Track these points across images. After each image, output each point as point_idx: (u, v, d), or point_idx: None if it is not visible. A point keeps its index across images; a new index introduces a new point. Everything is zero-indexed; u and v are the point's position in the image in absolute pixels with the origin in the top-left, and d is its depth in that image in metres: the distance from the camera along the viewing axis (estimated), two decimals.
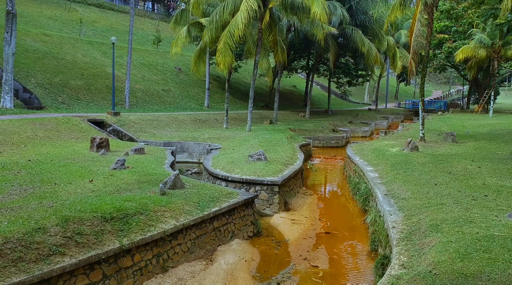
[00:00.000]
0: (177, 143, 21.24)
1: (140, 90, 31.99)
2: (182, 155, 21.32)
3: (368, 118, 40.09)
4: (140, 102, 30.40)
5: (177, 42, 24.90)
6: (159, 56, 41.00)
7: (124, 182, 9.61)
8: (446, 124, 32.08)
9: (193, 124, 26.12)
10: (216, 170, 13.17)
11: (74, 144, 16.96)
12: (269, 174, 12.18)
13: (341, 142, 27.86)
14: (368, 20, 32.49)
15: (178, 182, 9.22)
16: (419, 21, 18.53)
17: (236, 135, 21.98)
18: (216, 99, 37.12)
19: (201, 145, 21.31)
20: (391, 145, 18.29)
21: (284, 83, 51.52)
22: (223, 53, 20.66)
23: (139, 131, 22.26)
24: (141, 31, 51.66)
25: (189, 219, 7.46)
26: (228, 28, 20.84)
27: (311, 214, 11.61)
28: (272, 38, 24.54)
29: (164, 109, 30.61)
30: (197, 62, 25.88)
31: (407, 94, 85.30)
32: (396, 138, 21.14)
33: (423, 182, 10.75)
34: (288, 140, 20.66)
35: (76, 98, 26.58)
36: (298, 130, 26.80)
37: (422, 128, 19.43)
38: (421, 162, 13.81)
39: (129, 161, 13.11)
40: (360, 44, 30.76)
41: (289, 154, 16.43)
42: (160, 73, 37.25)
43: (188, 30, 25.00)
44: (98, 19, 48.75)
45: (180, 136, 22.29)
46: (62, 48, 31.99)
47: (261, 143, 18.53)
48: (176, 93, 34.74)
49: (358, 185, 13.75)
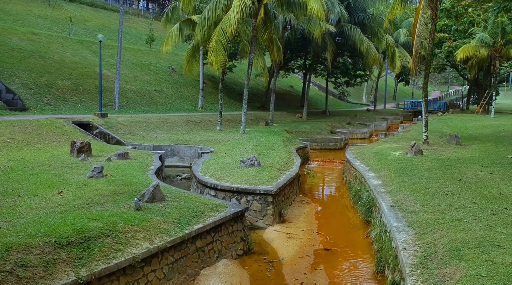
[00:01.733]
0: (167, 146, 20.15)
1: (131, 90, 30.85)
2: (172, 158, 20.22)
3: (367, 119, 39.07)
4: (131, 103, 29.26)
5: (168, 40, 23.79)
6: (152, 56, 39.86)
7: (98, 194, 8.52)
8: (448, 126, 31.11)
9: (185, 126, 25.01)
10: (205, 177, 12.08)
11: (55, 148, 15.83)
12: (262, 182, 11.10)
13: (340, 144, 26.82)
14: (367, 18, 31.47)
15: (158, 194, 8.13)
16: (422, 16, 17.48)
17: (229, 138, 20.89)
18: (211, 100, 36.03)
19: (193, 148, 20.22)
20: (393, 148, 17.25)
21: (281, 84, 50.48)
22: (215, 52, 19.58)
23: (127, 134, 21.14)
24: (134, 31, 50.53)
25: (166, 240, 6.36)
26: (220, 25, 19.76)
27: (308, 226, 10.53)
28: (267, 36, 23.47)
29: (156, 110, 29.49)
30: (190, 62, 24.76)
31: (405, 95, 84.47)
32: (398, 141, 20.11)
33: (432, 191, 9.70)
34: (284, 143, 19.59)
35: (63, 99, 25.42)
36: (295, 132, 25.73)
37: (425, 130, 18.40)
38: (427, 168, 12.76)
39: (110, 167, 12.00)
40: (358, 43, 29.74)
41: (284, 158, 15.36)
42: (153, 73, 36.12)
43: (180, 28, 23.89)
44: (90, 18, 47.57)
45: (171, 139, 21.18)
46: (50, 47, 30.82)
47: (255, 146, 17.45)
48: (169, 94, 33.62)
49: (359, 193, 12.69)
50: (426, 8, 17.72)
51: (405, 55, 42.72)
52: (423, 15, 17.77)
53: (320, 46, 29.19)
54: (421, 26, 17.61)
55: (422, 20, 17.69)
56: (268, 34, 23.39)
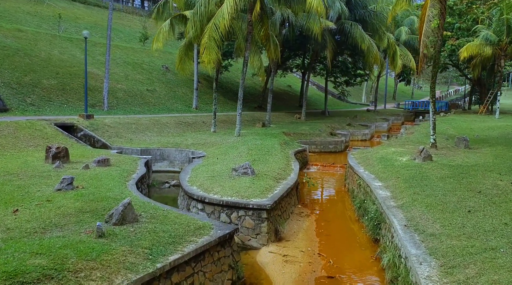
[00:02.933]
0: (156, 150, 18.81)
1: (121, 90, 29.48)
2: (162, 163, 18.89)
3: (368, 120, 37.77)
4: (121, 103, 27.89)
5: (158, 37, 22.41)
6: (145, 55, 38.47)
7: (60, 213, 7.19)
8: (452, 127, 29.83)
9: (177, 128, 23.67)
10: (192, 188, 10.75)
11: (31, 153, 14.48)
12: (256, 194, 9.78)
13: (340, 147, 25.52)
14: (368, 15, 30.17)
15: (129, 214, 6.81)
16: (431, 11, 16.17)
17: (223, 141, 19.57)
18: (206, 100, 34.68)
19: (184, 151, 18.89)
20: (400, 153, 15.95)
21: (279, 83, 49.15)
22: (208, 49, 18.25)
23: (114, 137, 19.79)
24: (128, 29, 49.17)
25: (130, 280, 5.04)
26: (213, 20, 18.43)
27: (308, 246, 9.22)
28: (264, 32, 22.13)
29: (147, 111, 28.13)
30: (183, 60, 23.38)
31: (405, 95, 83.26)
32: (403, 145, 18.81)
33: (452, 207, 8.40)
34: (281, 146, 18.28)
35: (48, 99, 24.04)
36: (293, 134, 24.42)
37: (433, 133, 17.09)
38: (439, 176, 11.47)
39: (85, 177, 10.66)
40: (359, 40, 28.44)
41: (281, 165, 14.05)
42: (146, 72, 34.74)
43: (171, 24, 22.52)
44: (82, 15, 46.16)
45: (161, 142, 19.85)
46: (37, 45, 29.42)
47: (250, 150, 16.14)
48: (161, 94, 32.25)
49: (365, 204, 11.39)
50: (434, 1, 16.42)
51: (406, 54, 41.48)
52: (431, 10, 16.47)
53: (320, 43, 27.88)
54: (429, 22, 16.30)
55: (430, 15, 16.38)
56: (265, 30, 22.06)
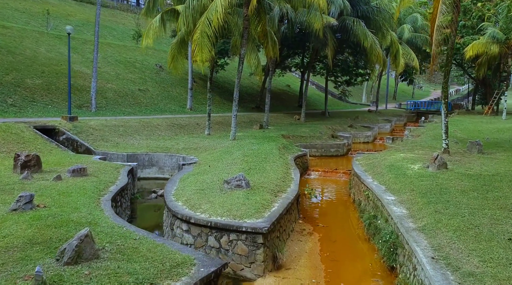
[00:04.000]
0: (144, 155, 17.34)
1: (111, 90, 27.98)
2: (150, 169, 17.42)
3: (369, 121, 36.32)
4: (110, 104, 26.40)
5: (148, 33, 20.88)
6: (138, 53, 36.91)
7: (3, 245, 5.72)
8: (459, 129, 28.43)
9: (169, 131, 22.18)
10: (177, 204, 9.28)
11: (0, 161, 13.00)
12: (250, 213, 8.33)
13: (342, 150, 24.07)
14: (371, 11, 28.69)
15: (87, 250, 5.34)
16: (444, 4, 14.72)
17: (217, 145, 18.10)
18: (201, 100, 33.20)
19: (174, 157, 17.43)
20: (410, 159, 14.51)
21: (277, 83, 47.67)
22: (199, 45, 16.79)
23: (99, 140, 18.30)
24: (122, 26, 47.65)
25: None
26: (206, 14, 16.97)
27: (312, 276, 7.76)
28: (261, 28, 20.66)
29: (138, 112, 26.65)
30: (175, 58, 21.84)
31: (406, 94, 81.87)
32: (412, 150, 17.36)
33: (486, 232, 6.97)
34: (279, 151, 16.83)
35: (31, 99, 22.54)
36: (292, 137, 22.96)
37: (445, 137, 15.66)
38: (460, 189, 10.04)
39: (53, 191, 9.19)
40: (362, 38, 26.97)
41: (280, 173, 12.59)
42: (138, 71, 33.24)
43: (162, 19, 21.00)
44: (74, 12, 44.60)
45: (150, 146, 18.36)
46: (22, 42, 27.91)
47: (246, 156, 14.68)
48: (154, 94, 30.74)
49: (376, 222, 9.95)
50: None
51: (409, 53, 40.10)
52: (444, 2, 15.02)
53: (320, 41, 26.41)
54: (442, 16, 14.85)
55: (444, 8, 14.93)
56: (262, 26, 20.58)
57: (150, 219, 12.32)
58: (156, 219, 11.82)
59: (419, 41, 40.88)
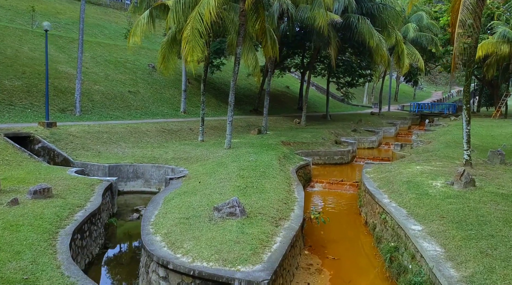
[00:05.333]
0: (129, 166, 15.50)
1: (99, 92, 26.11)
2: (135, 182, 15.59)
3: (373, 125, 34.54)
4: (97, 107, 24.53)
5: (136, 30, 19.04)
6: (130, 52, 34.87)
7: None
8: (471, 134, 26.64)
9: (158, 137, 20.34)
10: (154, 239, 7.45)
11: None
12: (246, 255, 6.51)
13: (347, 157, 22.28)
14: (377, 7, 26.89)
15: None
16: None
17: (210, 155, 16.27)
18: (196, 102, 31.34)
19: (162, 168, 15.60)
20: (428, 173, 12.71)
21: (276, 84, 45.84)
22: (190, 43, 14.96)
23: (79, 149, 16.44)
24: (114, 25, 45.77)
25: None
26: (197, 8, 15.14)
27: None
28: (259, 25, 18.81)
29: (127, 116, 24.79)
30: (166, 57, 19.99)
31: (407, 96, 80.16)
32: (427, 160, 15.56)
33: None
34: (280, 162, 15.02)
35: (9, 102, 20.67)
36: (293, 144, 21.16)
37: (467, 147, 13.88)
38: (502, 217, 8.27)
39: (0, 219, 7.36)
40: (367, 37, 25.17)
41: (281, 193, 10.78)
42: (129, 72, 31.37)
43: (151, 15, 19.18)
44: (63, 10, 42.72)
45: (136, 155, 16.53)
46: (3, 41, 26.02)
47: (242, 170, 12.86)
48: (146, 96, 28.88)
49: (399, 258, 8.15)
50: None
51: (413, 53, 38.30)
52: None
53: (323, 40, 24.61)
54: (465, 10, 13.09)
55: (467, 1, 13.17)
56: (261, 23, 18.74)
57: (127, 250, 10.48)
58: (134, 250, 10.00)
59: (424, 41, 39.10)
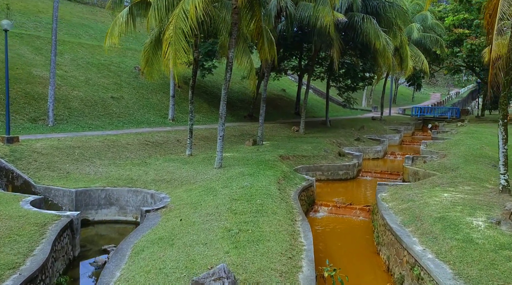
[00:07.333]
0: (101, 191, 13.09)
1: (78, 98, 23.63)
2: (108, 210, 13.18)
3: (376, 132, 32.33)
4: (74, 115, 22.05)
5: (113, 30, 16.58)
6: (115, 54, 32.54)
7: None
8: (483, 143, 24.46)
9: (140, 151, 17.91)
10: None
11: None
12: None
13: (352, 172, 20.00)
14: (383, 6, 24.65)
15: None
16: None
17: (198, 176, 13.89)
18: (186, 108, 28.73)
19: (141, 193, 13.21)
20: (461, 204, 10.40)
21: (272, 87, 43.47)
22: (172, 44, 12.60)
23: (44, 169, 13.99)
24: (101, 25, 43.19)
25: None
26: (181, 4, 12.78)
27: None
28: (255, 25, 16.46)
29: (109, 125, 22.33)
30: (150, 61, 17.60)
31: (405, 98, 78.25)
32: (452, 183, 13.26)
33: None
34: (279, 187, 12.67)
35: None
36: (293, 158, 18.83)
37: (504, 170, 11.59)
38: None
39: None
40: (373, 37, 22.92)
41: (284, 238, 8.43)
42: (113, 75, 28.90)
43: (131, 12, 16.75)
44: (46, 9, 40.02)
45: (110, 176, 14.11)
46: None
47: (234, 201, 10.49)
48: (130, 102, 26.42)
49: None
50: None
51: (417, 54, 36.17)
52: None
53: (325, 40, 22.32)
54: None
55: None
56: (256, 22, 16.38)
57: None
58: None
59: (429, 42, 36.94)
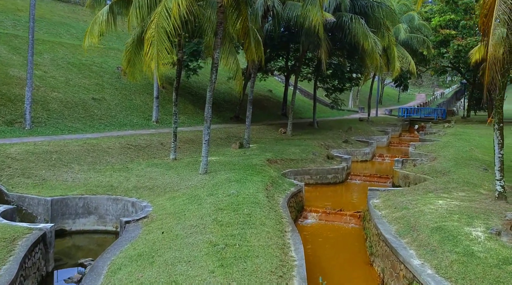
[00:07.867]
0: (78, 199, 12.35)
1: (57, 100, 22.72)
2: (86, 219, 12.45)
3: (364, 133, 32.04)
4: (53, 118, 21.15)
5: (92, 29, 15.81)
6: (98, 54, 31.63)
7: None
8: (472, 145, 24.35)
9: (122, 155, 17.15)
10: None
11: None
12: None
13: (341, 176, 19.56)
14: (371, 6, 24.30)
15: None
16: None
17: (182, 183, 13.24)
18: (170, 110, 27.98)
19: (121, 201, 12.52)
20: (458, 213, 9.97)
21: (258, 88, 42.92)
22: (155, 44, 11.95)
23: (19, 176, 13.17)
24: (82, 24, 41.91)
25: None
26: (163, 2, 12.13)
27: None
28: (241, 25, 15.89)
29: (89, 128, 21.50)
30: (132, 62, 16.86)
31: (391, 98, 78.53)
32: (446, 189, 12.86)
33: None
34: (268, 194, 12.11)
35: None
36: (280, 162, 18.30)
37: (500, 176, 11.19)
38: None
39: None
40: (362, 38, 22.55)
41: (275, 258, 7.86)
42: (95, 76, 28.00)
43: (111, 10, 15.98)
44: (25, 7, 38.61)
45: (89, 183, 13.36)
46: None
47: (220, 211, 9.89)
48: (112, 104, 25.57)
49: None
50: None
51: (404, 55, 36.05)
52: None
53: (313, 40, 21.87)
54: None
55: None
56: (243, 22, 15.81)
57: None
58: None
59: (415, 43, 36.87)
